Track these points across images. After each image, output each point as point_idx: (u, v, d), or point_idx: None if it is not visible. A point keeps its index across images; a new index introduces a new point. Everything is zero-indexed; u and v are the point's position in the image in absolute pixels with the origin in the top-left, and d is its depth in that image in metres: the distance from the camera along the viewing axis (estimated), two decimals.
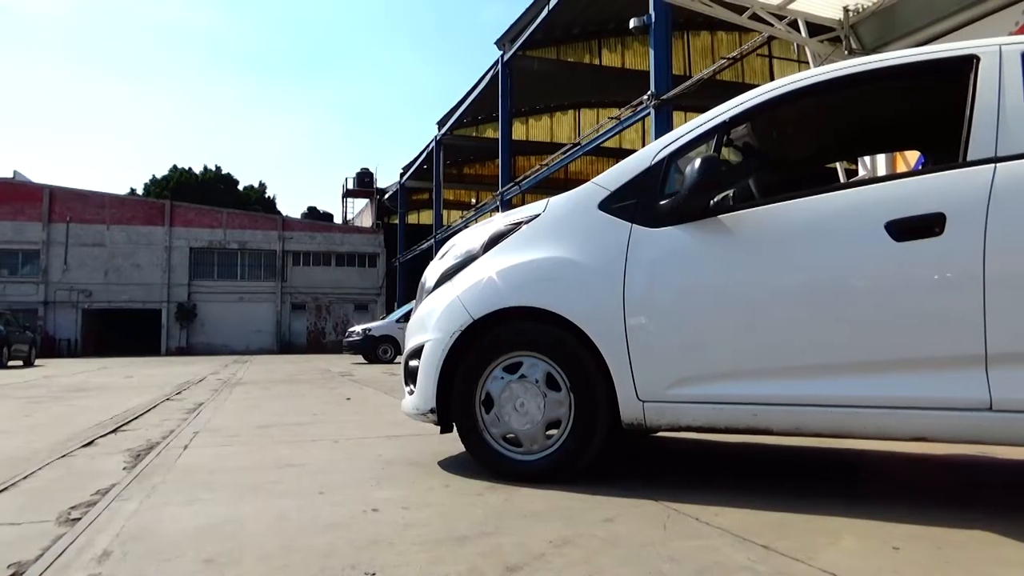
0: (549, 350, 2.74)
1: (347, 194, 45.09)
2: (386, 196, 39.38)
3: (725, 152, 3.06)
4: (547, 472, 2.71)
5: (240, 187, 52.34)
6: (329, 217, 49.17)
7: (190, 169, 50.54)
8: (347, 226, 43.24)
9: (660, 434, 3.94)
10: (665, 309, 2.60)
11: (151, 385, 9.42)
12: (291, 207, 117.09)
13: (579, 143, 19.24)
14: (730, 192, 3.04)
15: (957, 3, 6.04)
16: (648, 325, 2.59)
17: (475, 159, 33.60)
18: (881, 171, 6.56)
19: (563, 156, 19.64)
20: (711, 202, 2.64)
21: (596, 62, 24.77)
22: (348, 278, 38.87)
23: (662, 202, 2.69)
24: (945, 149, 2.80)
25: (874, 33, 6.88)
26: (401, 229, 36.25)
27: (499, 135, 22.62)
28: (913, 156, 5.85)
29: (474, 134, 30.16)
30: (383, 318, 21.92)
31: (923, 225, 2.29)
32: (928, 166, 3.80)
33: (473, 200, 33.19)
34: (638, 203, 2.73)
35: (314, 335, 37.69)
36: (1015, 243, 2.19)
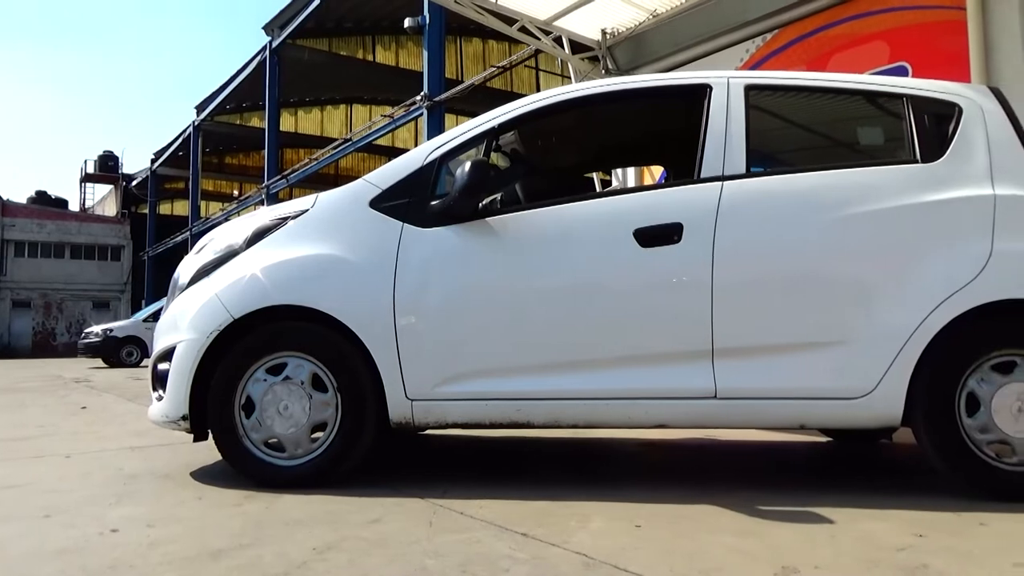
0: (316, 350, 2.65)
1: (86, 178, 40.13)
2: (134, 183, 35.70)
3: (494, 157, 3.17)
4: (313, 476, 2.62)
5: None
6: (64, 203, 43.53)
7: None
8: (86, 214, 38.49)
9: (429, 431, 3.98)
10: (435, 308, 2.63)
11: None
12: (15, 191, 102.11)
13: (351, 139, 18.89)
14: (498, 196, 3.15)
15: (695, 37, 6.80)
16: (418, 324, 2.61)
17: (239, 148, 31.61)
18: (631, 183, 7.18)
19: (334, 151, 19.16)
20: (480, 204, 2.72)
21: (370, 58, 24.46)
22: (85, 272, 34.63)
23: (433, 202, 2.72)
24: (683, 166, 3.13)
25: (628, 56, 7.52)
26: (152, 220, 33.10)
27: (265, 125, 21.53)
28: (658, 170, 6.48)
29: (238, 122, 28.36)
30: (130, 318, 19.87)
31: (664, 233, 2.55)
32: (669, 180, 4.24)
33: (236, 192, 31.23)
34: (409, 202, 2.74)
35: (42, 337, 33.10)
36: (735, 252, 2.52)
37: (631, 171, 7.18)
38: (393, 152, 22.34)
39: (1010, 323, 2.46)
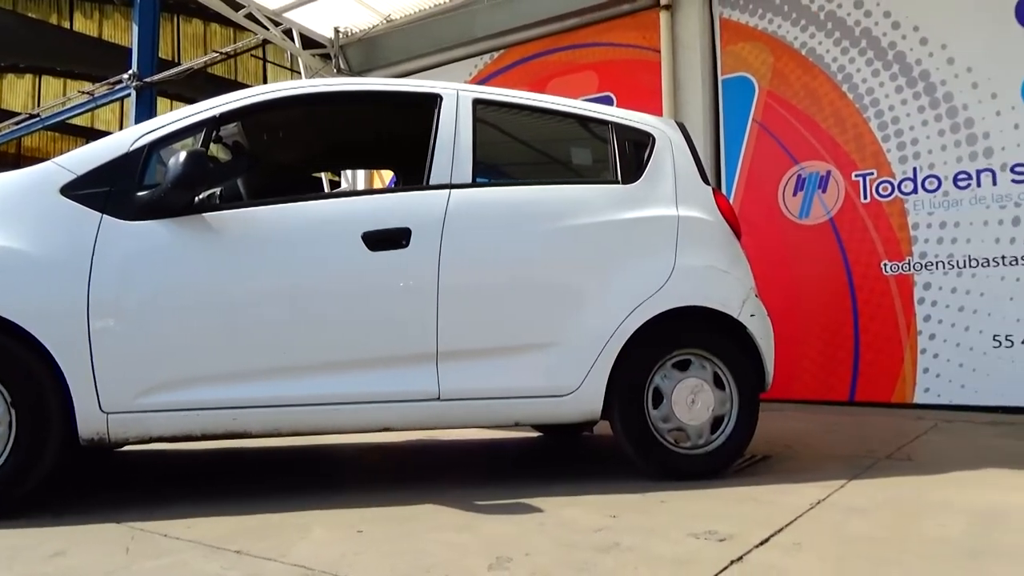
0: None
1: None
2: None
3: (214, 149, 2.96)
4: None
5: None
6: None
7: None
8: None
9: (128, 447, 3.59)
10: (139, 310, 2.37)
11: None
12: None
13: (39, 115, 16.39)
14: (217, 190, 2.94)
15: (427, 47, 6.97)
16: (117, 328, 2.33)
17: None
18: (361, 186, 7.15)
19: (16, 127, 16.49)
20: (196, 198, 2.52)
21: (67, 25, 21.50)
22: None
23: (140, 193, 2.46)
24: (413, 172, 3.19)
25: (361, 58, 7.48)
26: None
27: None
28: (388, 175, 6.53)
29: None
30: None
31: (393, 237, 2.57)
32: (399, 185, 4.29)
33: None
34: (111, 192, 2.44)
35: None
36: (460, 258, 2.62)
37: (361, 174, 7.15)
38: (92, 134, 19.80)
39: (687, 327, 2.85)
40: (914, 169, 4.82)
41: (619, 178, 2.97)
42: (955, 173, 4.68)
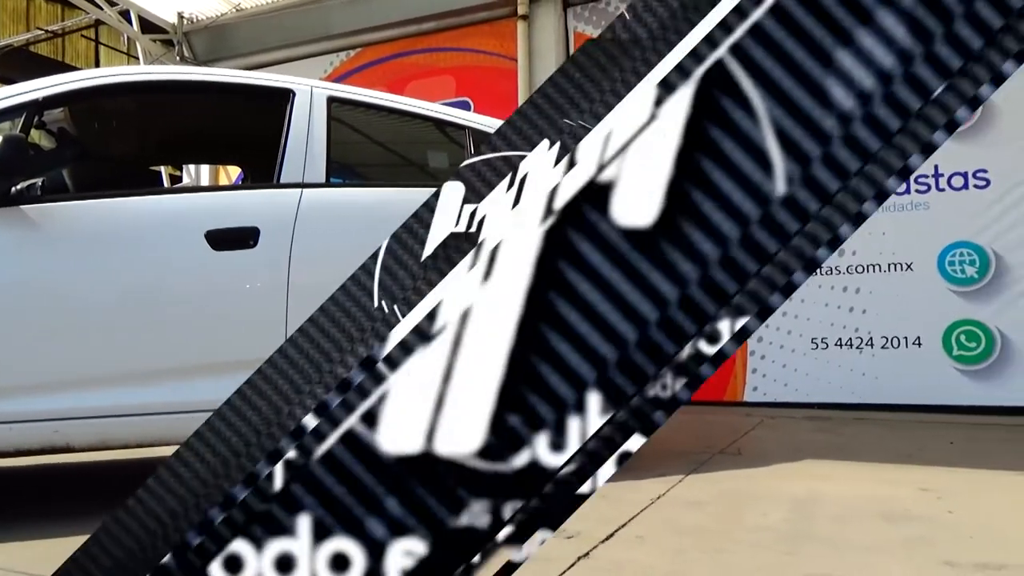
0: None
1: None
2: None
3: (35, 135, 2.71)
4: None
5: None
6: None
7: None
8: None
9: None
10: None
11: None
12: None
13: None
14: (39, 181, 2.69)
15: (280, 40, 6.73)
16: None
17: None
18: (205, 182, 6.78)
19: None
20: (12, 189, 2.29)
21: None
22: None
23: None
24: (262, 169, 3.06)
25: (207, 46, 7.09)
26: None
27: None
28: (235, 171, 6.23)
29: None
30: None
31: (240, 237, 2.46)
32: (247, 183, 4.11)
33: None
34: None
35: None
36: (311, 258, 2.55)
37: (205, 169, 6.79)
38: None
39: None
40: None
41: None
42: None
